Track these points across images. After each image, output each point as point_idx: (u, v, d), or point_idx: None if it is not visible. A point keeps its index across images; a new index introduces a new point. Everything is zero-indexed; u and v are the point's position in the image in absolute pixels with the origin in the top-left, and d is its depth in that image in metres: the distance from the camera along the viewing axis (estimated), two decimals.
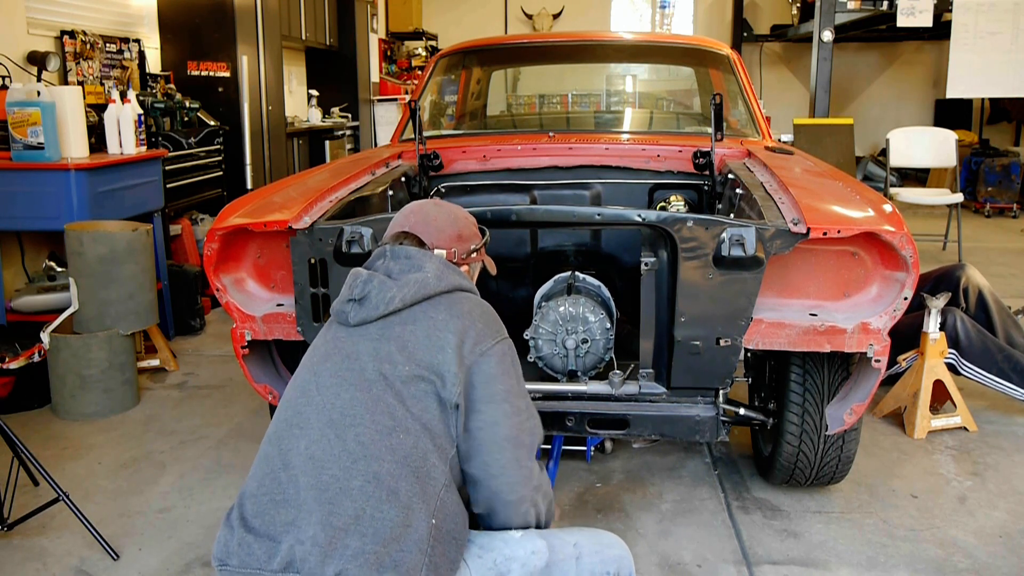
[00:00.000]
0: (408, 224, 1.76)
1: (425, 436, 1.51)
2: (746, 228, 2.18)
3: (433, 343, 1.57)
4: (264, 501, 1.49)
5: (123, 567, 2.44)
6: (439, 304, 1.63)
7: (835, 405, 2.48)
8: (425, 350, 1.56)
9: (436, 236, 1.74)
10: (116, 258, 3.56)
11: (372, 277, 1.63)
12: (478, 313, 1.66)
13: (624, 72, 5.26)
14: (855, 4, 6.96)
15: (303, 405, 1.56)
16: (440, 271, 1.66)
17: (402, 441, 1.49)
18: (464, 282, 1.70)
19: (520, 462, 1.62)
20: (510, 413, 1.61)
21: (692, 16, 11.35)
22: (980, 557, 2.47)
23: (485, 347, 1.60)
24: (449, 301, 1.64)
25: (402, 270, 1.64)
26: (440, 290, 1.64)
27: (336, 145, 7.58)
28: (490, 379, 1.59)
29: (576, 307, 2.54)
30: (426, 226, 1.75)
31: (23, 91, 3.77)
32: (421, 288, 1.62)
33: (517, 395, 1.64)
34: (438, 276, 1.64)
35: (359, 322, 1.61)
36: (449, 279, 1.66)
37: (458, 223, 1.79)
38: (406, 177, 3.26)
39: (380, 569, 1.39)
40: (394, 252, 1.68)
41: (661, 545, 2.53)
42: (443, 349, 1.56)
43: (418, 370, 1.54)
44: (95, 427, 3.43)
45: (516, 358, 1.69)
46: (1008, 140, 10.41)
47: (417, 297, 1.61)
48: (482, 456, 1.58)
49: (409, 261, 1.66)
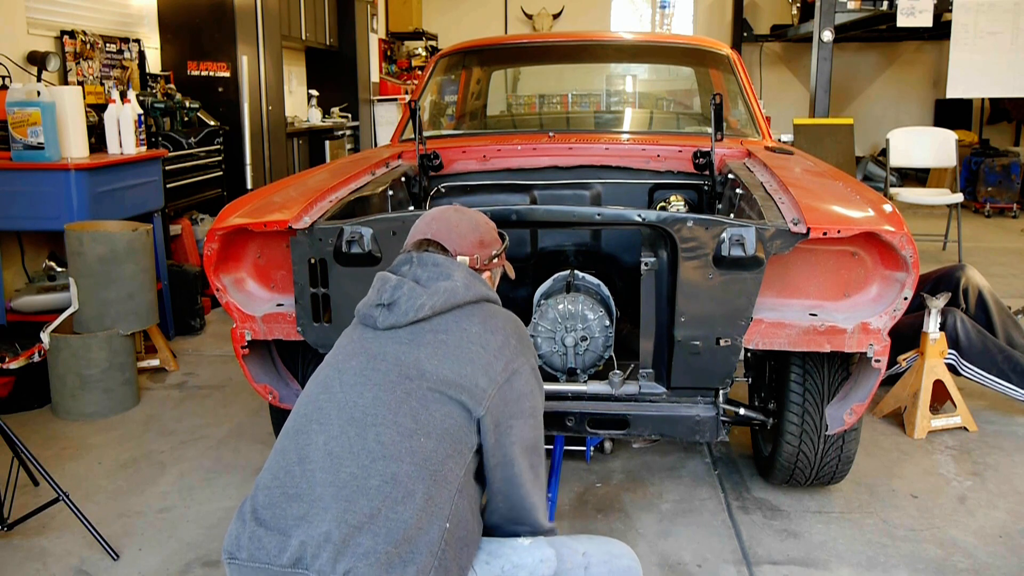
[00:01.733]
0: (431, 231, 1.76)
1: (446, 442, 1.51)
2: (746, 228, 2.18)
3: (464, 355, 1.57)
4: (276, 494, 1.49)
5: (123, 567, 2.44)
6: (472, 316, 1.63)
7: (835, 405, 2.48)
8: (455, 361, 1.56)
9: (459, 243, 1.75)
10: (116, 258, 3.56)
11: (402, 283, 1.63)
12: (512, 329, 1.67)
13: (624, 72, 5.26)
14: (855, 4, 6.96)
15: (324, 401, 1.56)
16: (468, 280, 1.66)
17: (422, 444, 1.49)
18: (490, 293, 1.71)
19: (535, 469, 1.64)
20: (535, 427, 1.63)
21: (692, 16, 11.35)
22: (980, 557, 2.47)
23: (517, 365, 1.61)
24: (482, 314, 1.65)
25: (431, 277, 1.64)
26: (468, 299, 1.64)
27: (336, 145, 7.58)
28: (520, 397, 1.60)
29: (575, 305, 2.54)
30: (449, 233, 1.75)
31: (23, 91, 3.77)
32: (451, 297, 1.62)
33: (539, 408, 1.66)
34: (466, 285, 1.65)
35: (388, 327, 1.61)
36: (476, 289, 1.67)
37: (480, 229, 1.80)
38: (406, 177, 3.27)
39: (389, 569, 1.39)
40: (421, 259, 1.68)
41: (661, 545, 2.53)
42: (473, 362, 1.56)
43: (445, 380, 1.54)
44: (95, 427, 3.43)
45: (539, 373, 1.71)
46: (1008, 140, 10.41)
47: (447, 306, 1.61)
48: (511, 469, 1.59)
49: (437, 268, 1.66)
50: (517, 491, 1.61)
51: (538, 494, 1.65)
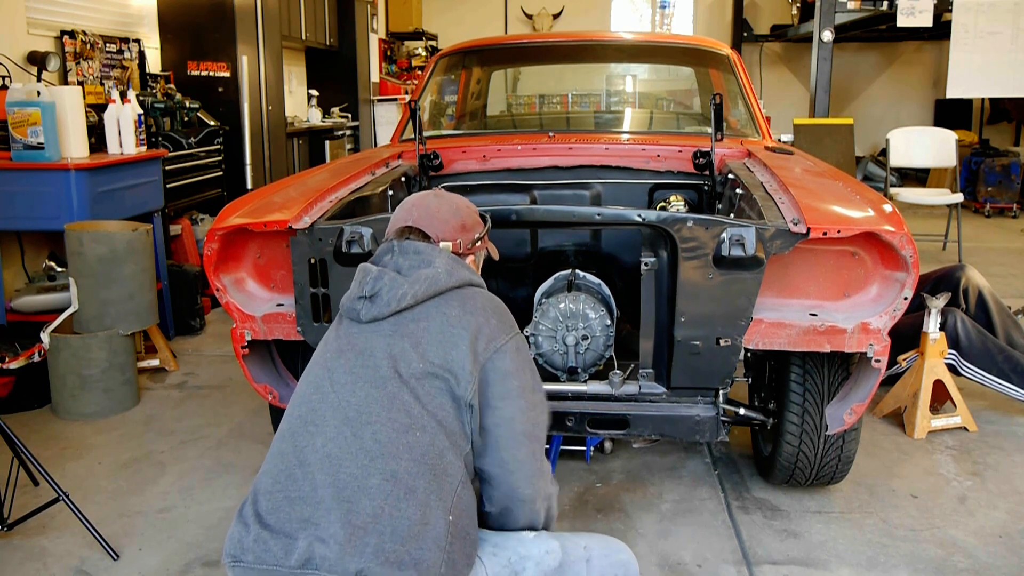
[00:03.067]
0: (411, 218, 1.75)
1: (441, 433, 1.51)
2: (746, 228, 2.18)
3: (447, 340, 1.57)
4: (279, 498, 1.49)
5: (123, 567, 2.44)
6: (451, 300, 1.63)
7: (835, 405, 2.48)
8: (438, 347, 1.56)
9: (440, 228, 1.74)
10: (116, 258, 3.56)
11: (383, 273, 1.62)
12: (491, 308, 1.66)
13: (624, 72, 5.25)
14: (855, 4, 6.96)
15: (317, 402, 1.56)
16: (450, 266, 1.65)
17: (419, 439, 1.49)
18: (473, 277, 1.70)
19: (535, 456, 1.63)
20: (525, 408, 1.61)
21: (692, 16, 11.35)
22: (980, 557, 2.47)
23: (499, 343, 1.60)
24: (461, 297, 1.64)
25: (412, 266, 1.64)
26: (451, 285, 1.64)
27: (336, 145, 7.57)
28: (505, 375, 1.59)
29: (576, 304, 2.54)
30: (430, 219, 1.74)
31: (23, 91, 3.77)
32: (432, 284, 1.61)
33: (531, 390, 1.65)
34: (448, 271, 1.64)
35: (371, 319, 1.60)
36: (459, 274, 1.66)
37: (460, 213, 1.79)
38: (406, 177, 3.26)
39: (400, 567, 1.40)
40: (402, 248, 1.67)
41: (661, 545, 2.53)
42: (457, 346, 1.56)
43: (432, 368, 1.54)
44: (95, 427, 3.43)
45: (528, 352, 1.70)
46: (1008, 140, 10.41)
47: (429, 293, 1.61)
48: (499, 453, 1.58)
49: (418, 256, 1.66)
50: (508, 478, 1.59)
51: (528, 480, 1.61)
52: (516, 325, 1.70)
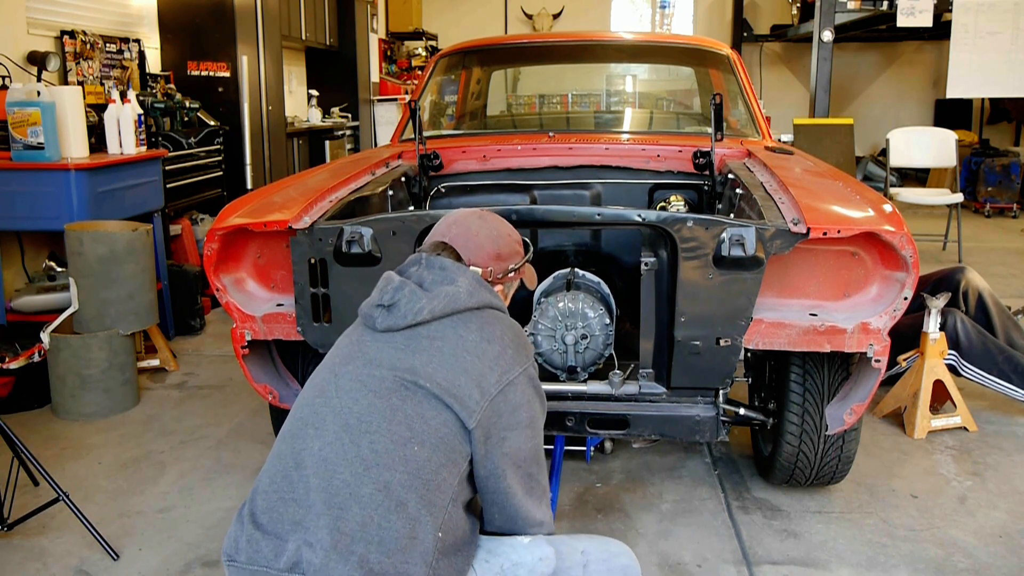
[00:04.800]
0: (449, 235, 1.73)
1: (440, 451, 1.49)
2: (746, 228, 2.18)
3: (459, 365, 1.54)
4: (274, 499, 1.49)
5: (123, 567, 2.44)
6: (470, 322, 1.60)
7: (835, 405, 2.48)
8: (449, 371, 1.53)
9: (474, 253, 1.72)
10: (116, 258, 3.56)
11: (404, 284, 1.61)
12: (510, 338, 1.63)
13: (624, 72, 5.26)
14: (855, 4, 6.96)
15: (320, 405, 1.55)
16: (472, 287, 1.63)
17: (416, 453, 1.47)
18: (495, 300, 1.67)
19: (535, 478, 1.62)
20: (532, 436, 1.60)
21: (692, 16, 11.35)
22: (980, 557, 2.47)
23: (512, 375, 1.57)
24: (480, 320, 1.61)
25: (435, 281, 1.62)
26: (470, 306, 1.61)
27: (336, 145, 7.57)
28: (516, 408, 1.57)
29: (575, 303, 2.54)
30: (466, 240, 1.72)
31: (23, 91, 3.77)
32: (451, 302, 1.59)
33: (538, 417, 1.63)
34: (469, 292, 1.62)
35: (386, 328, 1.59)
36: (480, 296, 1.63)
37: (499, 241, 1.76)
38: (406, 177, 3.27)
39: None
40: (429, 262, 1.65)
41: (661, 545, 2.53)
42: (467, 372, 1.54)
43: (438, 390, 1.51)
44: (95, 427, 3.43)
45: (538, 379, 1.67)
46: (1008, 140, 10.41)
47: (446, 311, 1.59)
48: (506, 480, 1.56)
49: (443, 273, 1.63)
50: (510, 502, 1.58)
51: (534, 504, 1.61)
52: (532, 353, 1.67)
